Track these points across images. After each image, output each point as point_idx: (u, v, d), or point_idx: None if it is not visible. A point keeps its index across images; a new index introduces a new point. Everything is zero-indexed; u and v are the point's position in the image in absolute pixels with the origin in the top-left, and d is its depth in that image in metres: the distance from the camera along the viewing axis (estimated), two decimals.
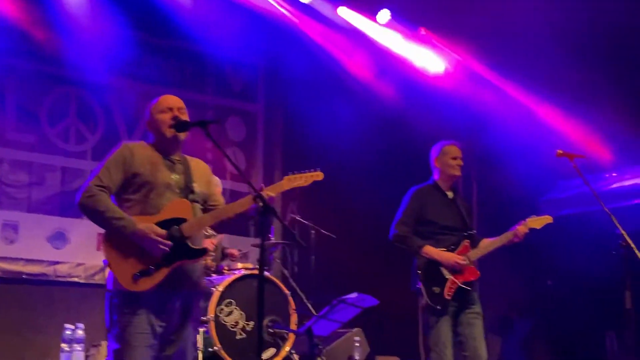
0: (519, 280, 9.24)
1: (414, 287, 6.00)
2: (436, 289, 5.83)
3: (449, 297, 5.82)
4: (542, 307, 9.27)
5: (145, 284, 4.13)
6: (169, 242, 4.17)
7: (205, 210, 4.50)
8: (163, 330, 4.21)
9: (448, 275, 5.87)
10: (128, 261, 4.13)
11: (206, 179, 4.58)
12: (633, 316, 5.58)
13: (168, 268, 4.19)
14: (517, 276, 9.16)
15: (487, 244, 6.04)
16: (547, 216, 6.19)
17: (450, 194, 6.22)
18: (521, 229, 6.03)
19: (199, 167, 4.58)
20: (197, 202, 4.44)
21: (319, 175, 4.68)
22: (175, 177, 4.38)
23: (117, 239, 4.15)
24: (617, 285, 5.81)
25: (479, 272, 5.97)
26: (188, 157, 4.55)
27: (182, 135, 4.45)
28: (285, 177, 4.62)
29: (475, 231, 6.15)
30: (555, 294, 9.05)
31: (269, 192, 4.38)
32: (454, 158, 6.17)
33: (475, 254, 5.98)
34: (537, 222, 6.13)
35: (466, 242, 6.01)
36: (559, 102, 9.26)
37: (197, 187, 4.44)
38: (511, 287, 9.31)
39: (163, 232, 4.17)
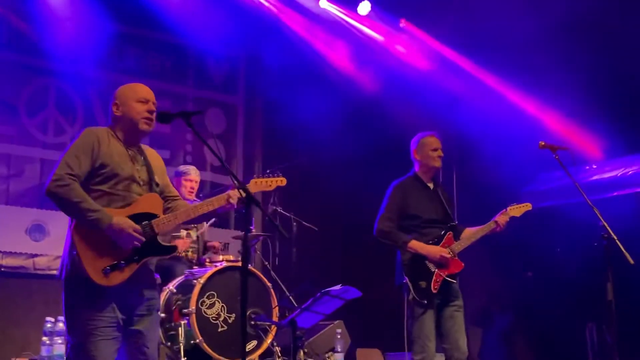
0: (499, 273, 9.26)
1: (399, 282, 5.98)
2: (422, 284, 5.81)
3: (435, 291, 5.81)
4: (522, 299, 9.29)
5: (116, 279, 4.05)
6: (142, 238, 4.12)
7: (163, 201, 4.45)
8: (125, 323, 4.13)
9: (433, 269, 5.85)
10: (99, 254, 4.03)
11: (162, 169, 4.53)
12: (614, 308, 5.58)
13: (137, 263, 4.15)
14: (497, 268, 9.18)
15: (470, 235, 6.05)
16: (526, 204, 6.23)
17: (431, 185, 6.20)
18: (502, 217, 6.07)
19: (155, 158, 4.51)
20: (160, 195, 4.41)
21: (282, 181, 4.80)
22: (138, 169, 4.32)
23: (88, 231, 4.04)
24: (597, 277, 5.80)
25: (462, 264, 5.97)
26: (143, 146, 4.47)
27: (152, 128, 4.37)
28: (252, 180, 4.68)
29: (456, 222, 6.14)
30: (536, 286, 9.07)
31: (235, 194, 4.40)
32: (434, 149, 6.13)
33: (459, 245, 5.97)
34: (517, 210, 6.18)
35: (449, 234, 6.00)
36: (539, 93, 9.29)
37: (157, 179, 4.40)
38: (491, 279, 9.34)
39: (138, 227, 4.12)
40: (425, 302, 5.79)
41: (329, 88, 9.54)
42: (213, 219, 7.44)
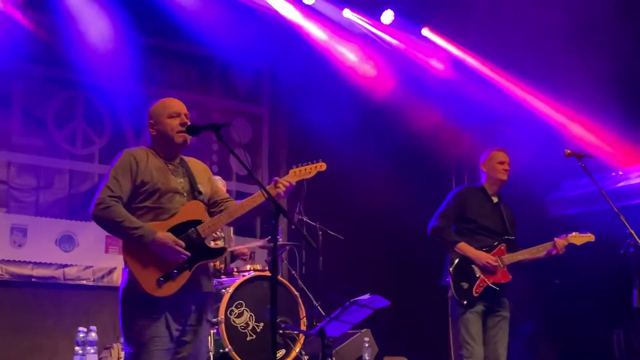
0: (525, 280, 9.23)
1: (444, 282, 6.12)
2: (464, 285, 5.95)
3: (476, 295, 5.93)
4: (549, 306, 9.28)
5: (170, 289, 4.15)
6: (188, 253, 4.19)
7: (211, 207, 4.52)
8: (179, 334, 4.23)
9: (479, 274, 5.97)
10: (150, 266, 4.14)
11: (207, 177, 4.60)
12: None
13: (190, 271, 4.23)
14: (523, 275, 9.16)
15: (524, 252, 6.13)
16: (589, 234, 6.23)
17: (495, 199, 6.34)
18: (561, 242, 6.12)
19: (198, 167, 4.59)
20: (204, 202, 4.47)
21: (322, 166, 4.66)
22: (180, 181, 4.40)
23: (136, 247, 4.16)
24: (624, 285, 5.82)
25: (510, 277, 6.07)
26: (185, 158, 4.55)
27: (188, 140, 4.45)
28: (291, 170, 4.61)
29: (513, 238, 6.22)
30: (562, 293, 9.06)
31: (288, 180, 4.42)
32: (501, 163, 6.30)
33: (510, 258, 6.08)
34: (579, 238, 6.19)
35: (502, 246, 6.12)
36: (564, 99, 9.28)
37: (202, 187, 4.46)
38: (517, 286, 9.31)
39: (180, 242, 4.19)
40: (465, 302, 5.89)
41: (354, 98, 9.58)
42: None
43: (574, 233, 6.17)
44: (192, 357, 4.31)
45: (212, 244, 7.08)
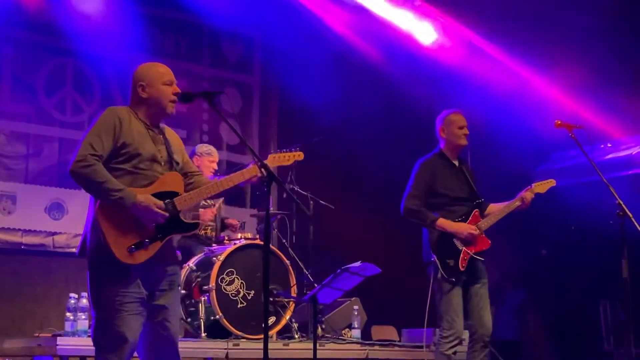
0: (513, 250, 9.30)
1: (426, 259, 6.04)
2: (451, 262, 5.88)
3: (462, 269, 5.89)
4: (536, 277, 9.35)
5: (140, 257, 4.12)
6: (166, 214, 4.17)
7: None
8: (148, 298, 4.20)
9: (460, 247, 5.91)
10: (123, 233, 4.09)
11: (180, 147, 4.56)
12: (629, 285, 5.63)
13: (161, 242, 4.21)
14: (510, 246, 9.22)
15: (496, 212, 6.10)
16: (550, 180, 6.28)
17: (456, 163, 6.23)
18: (527, 194, 6.11)
19: (173, 137, 4.55)
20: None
21: (300, 155, 4.79)
22: (160, 149, 4.36)
23: (112, 210, 4.09)
24: (612, 255, 5.86)
25: (489, 242, 6.04)
26: (162, 126, 4.49)
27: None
28: (270, 155, 4.70)
29: (482, 199, 6.18)
30: (550, 264, 9.13)
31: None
32: (460, 127, 6.16)
33: (486, 223, 6.04)
34: (542, 186, 6.21)
35: (476, 212, 6.06)
36: (553, 72, 9.30)
37: (177, 157, 4.44)
38: (505, 256, 9.37)
39: (161, 203, 4.17)
40: (454, 279, 5.86)
41: (345, 66, 9.57)
42: None
43: (536, 182, 6.22)
44: (167, 320, 4.27)
45: (201, 212, 7.16)
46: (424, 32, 10.16)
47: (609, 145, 8.78)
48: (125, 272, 4.11)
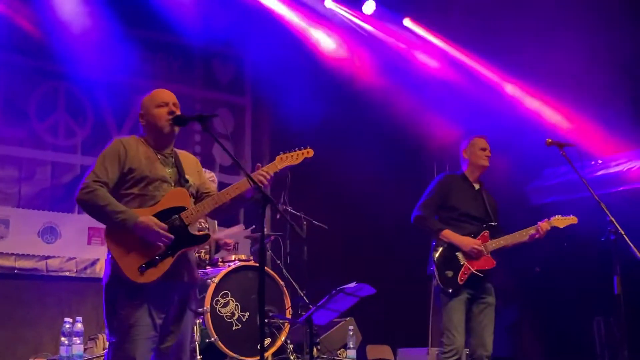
0: (506, 267, 9.32)
1: (429, 271, 6.11)
2: (449, 273, 5.95)
3: (461, 282, 5.93)
4: (529, 294, 9.37)
5: (152, 275, 4.16)
6: (171, 236, 4.21)
7: (198, 199, 4.53)
8: (162, 322, 4.24)
9: (463, 261, 5.97)
10: (132, 253, 4.16)
11: (196, 169, 4.63)
12: (622, 302, 5.65)
13: (172, 257, 4.24)
14: (503, 263, 9.24)
15: (507, 237, 6.13)
16: (572, 217, 6.23)
17: (476, 186, 6.34)
18: (544, 225, 6.12)
19: (189, 160, 4.63)
20: (191, 193, 4.49)
21: (309, 152, 4.72)
22: (169, 171, 4.42)
23: (119, 232, 4.17)
24: (604, 272, 5.87)
25: (494, 262, 6.06)
26: (177, 150, 4.58)
27: (177, 130, 4.49)
28: (278, 157, 4.66)
29: (496, 224, 6.21)
30: (543, 281, 9.15)
31: (267, 171, 4.45)
32: (483, 149, 6.30)
33: (494, 244, 6.07)
34: (562, 221, 6.19)
35: (486, 232, 6.11)
36: (545, 90, 9.36)
37: (190, 179, 4.49)
38: (499, 274, 9.40)
39: (164, 225, 4.21)
40: (450, 290, 5.91)
41: (335, 86, 9.61)
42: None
43: (557, 216, 6.18)
44: (178, 345, 4.33)
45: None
46: (413, 52, 10.25)
47: (600, 162, 8.83)
48: (137, 294, 4.15)
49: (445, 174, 6.44)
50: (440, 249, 6.05)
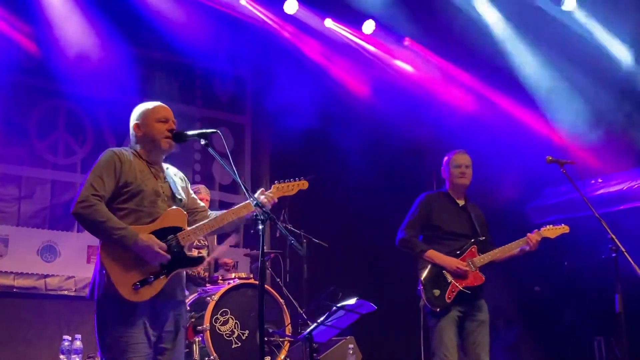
0: (505, 287, 9.31)
1: (417, 291, 6.04)
2: (436, 292, 5.87)
3: (449, 300, 5.86)
4: (529, 313, 9.33)
5: (146, 294, 4.13)
6: (169, 257, 4.19)
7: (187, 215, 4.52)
8: (157, 340, 4.21)
9: (450, 279, 5.91)
10: (127, 270, 4.11)
11: (184, 185, 4.62)
12: (624, 321, 5.62)
13: (167, 277, 4.22)
14: (503, 282, 9.23)
15: (495, 250, 6.03)
16: (563, 226, 6.18)
17: (461, 202, 6.27)
18: (533, 236, 6.04)
19: (177, 176, 4.61)
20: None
21: (304, 184, 4.81)
22: (162, 185, 4.40)
23: (114, 249, 4.13)
24: (605, 291, 5.85)
25: (483, 278, 5.98)
26: (165, 165, 4.56)
27: (174, 147, 4.48)
28: (274, 186, 4.71)
29: (484, 238, 6.13)
30: (543, 300, 9.11)
31: (272, 196, 4.48)
32: (457, 167, 6.21)
33: (482, 259, 5.99)
34: (552, 231, 6.13)
35: (473, 248, 6.05)
36: (543, 108, 9.38)
37: (180, 195, 4.48)
38: (498, 293, 9.38)
39: (164, 245, 4.19)
40: (438, 310, 5.84)
41: (334, 106, 9.62)
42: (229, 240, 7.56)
43: (547, 226, 6.12)
44: None
45: (194, 252, 7.14)
46: (415, 71, 10.28)
47: (600, 180, 8.83)
48: (131, 312, 4.12)
49: (425, 193, 6.33)
50: (427, 268, 5.97)
